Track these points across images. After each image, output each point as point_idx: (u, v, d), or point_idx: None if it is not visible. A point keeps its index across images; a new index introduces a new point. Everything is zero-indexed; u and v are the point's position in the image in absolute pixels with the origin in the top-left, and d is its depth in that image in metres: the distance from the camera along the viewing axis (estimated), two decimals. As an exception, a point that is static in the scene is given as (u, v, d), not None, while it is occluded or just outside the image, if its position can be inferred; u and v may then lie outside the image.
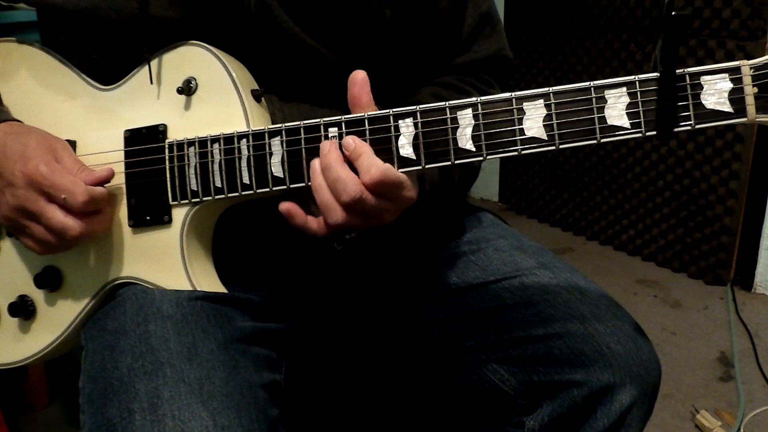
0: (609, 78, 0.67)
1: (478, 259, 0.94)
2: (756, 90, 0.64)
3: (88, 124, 0.83)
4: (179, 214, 0.79)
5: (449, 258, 0.95)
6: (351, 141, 0.70)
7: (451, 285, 0.93)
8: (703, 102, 0.65)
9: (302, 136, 0.73)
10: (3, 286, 0.85)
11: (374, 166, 0.69)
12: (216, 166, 0.76)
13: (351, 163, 0.70)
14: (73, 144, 0.82)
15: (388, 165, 0.69)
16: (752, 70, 0.64)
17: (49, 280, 0.83)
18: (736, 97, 0.64)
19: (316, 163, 0.72)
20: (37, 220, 0.75)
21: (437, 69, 0.96)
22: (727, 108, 0.65)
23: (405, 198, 0.72)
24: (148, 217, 0.79)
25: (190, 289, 0.78)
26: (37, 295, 0.84)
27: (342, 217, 0.70)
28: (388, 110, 0.71)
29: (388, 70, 0.89)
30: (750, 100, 0.64)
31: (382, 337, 1.06)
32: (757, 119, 0.64)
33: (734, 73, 0.64)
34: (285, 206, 0.73)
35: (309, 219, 0.74)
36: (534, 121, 0.68)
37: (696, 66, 0.66)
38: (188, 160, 0.78)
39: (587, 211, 2.75)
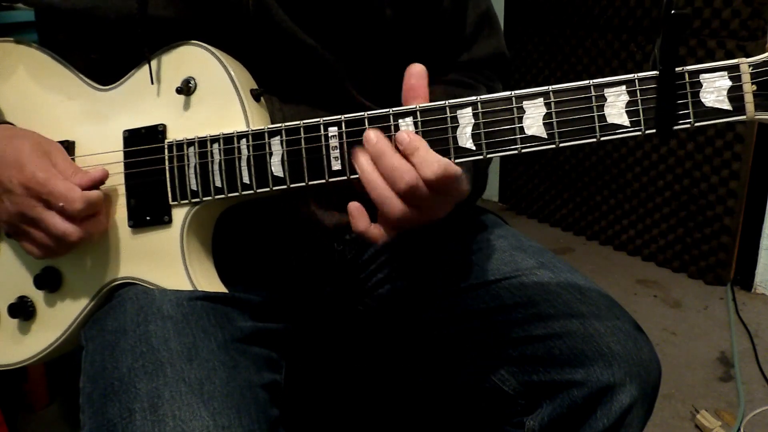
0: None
1: (478, 259, 0.93)
2: (755, 88, 0.64)
3: (87, 124, 0.83)
4: (179, 214, 0.79)
5: (449, 258, 0.95)
6: (405, 135, 0.69)
7: (451, 285, 0.93)
8: (703, 100, 0.65)
9: (302, 135, 0.73)
10: (2, 287, 0.85)
11: (436, 161, 0.68)
12: (216, 166, 0.76)
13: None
14: (71, 144, 0.82)
15: (447, 160, 0.68)
16: (751, 68, 0.64)
17: (49, 281, 0.83)
18: (735, 95, 0.65)
19: (363, 158, 0.70)
20: (36, 225, 0.75)
21: (438, 69, 0.96)
22: (726, 106, 0.65)
23: (460, 191, 0.71)
24: (148, 218, 0.79)
25: (191, 289, 0.78)
26: (37, 296, 0.84)
27: (401, 208, 0.68)
28: (387, 109, 0.71)
29: (389, 70, 0.89)
30: (749, 98, 0.64)
31: (383, 338, 1.06)
32: (756, 117, 0.64)
33: (733, 71, 0.65)
34: (355, 206, 0.71)
35: (372, 226, 0.71)
36: (534, 119, 0.68)
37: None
38: (188, 160, 0.78)
39: (587, 211, 2.75)
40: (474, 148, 0.70)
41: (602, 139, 0.67)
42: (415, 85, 0.71)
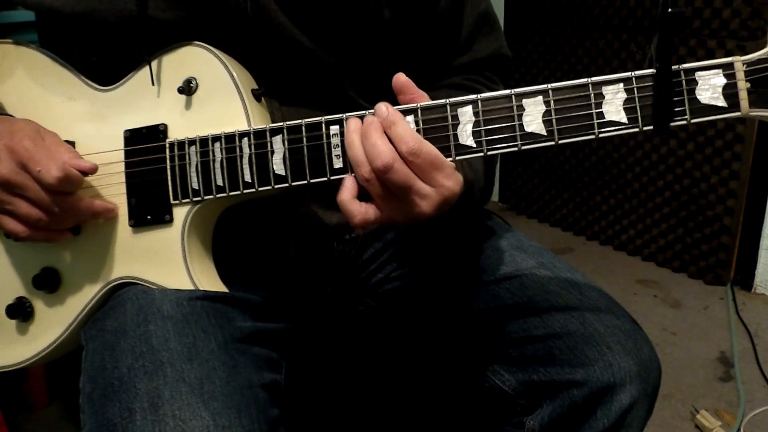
0: (608, 78, 0.68)
1: (478, 259, 0.94)
2: (749, 85, 0.65)
3: (88, 124, 0.83)
4: (180, 213, 0.79)
5: (449, 258, 0.95)
6: (384, 107, 0.70)
7: (451, 285, 0.93)
8: (698, 97, 0.66)
9: (303, 134, 0.74)
10: (0, 288, 0.85)
11: (410, 136, 0.68)
12: (217, 165, 0.76)
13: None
14: (72, 144, 0.82)
15: (425, 141, 0.69)
16: (745, 66, 0.65)
17: (47, 281, 0.82)
18: (729, 92, 0.66)
19: (352, 122, 0.70)
20: (20, 194, 0.75)
21: (439, 70, 0.96)
22: (722, 103, 0.66)
23: (444, 186, 0.70)
24: (149, 217, 0.79)
25: (192, 288, 0.78)
26: (35, 297, 0.84)
27: (378, 190, 0.69)
28: None
29: (387, 72, 0.89)
30: (743, 95, 0.65)
31: (383, 337, 1.06)
32: (750, 113, 0.66)
33: (728, 69, 0.66)
34: (349, 178, 0.71)
35: (354, 201, 0.71)
36: (533, 116, 0.69)
37: (695, 65, 0.67)
38: (189, 159, 0.78)
39: (587, 211, 2.75)
40: (474, 145, 0.70)
41: (600, 135, 0.68)
42: (404, 100, 0.71)
